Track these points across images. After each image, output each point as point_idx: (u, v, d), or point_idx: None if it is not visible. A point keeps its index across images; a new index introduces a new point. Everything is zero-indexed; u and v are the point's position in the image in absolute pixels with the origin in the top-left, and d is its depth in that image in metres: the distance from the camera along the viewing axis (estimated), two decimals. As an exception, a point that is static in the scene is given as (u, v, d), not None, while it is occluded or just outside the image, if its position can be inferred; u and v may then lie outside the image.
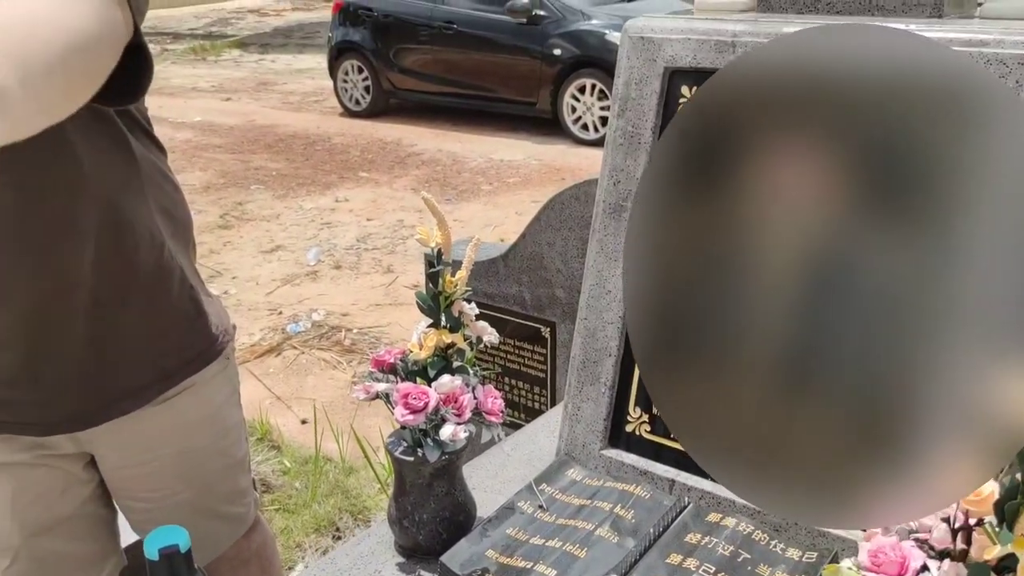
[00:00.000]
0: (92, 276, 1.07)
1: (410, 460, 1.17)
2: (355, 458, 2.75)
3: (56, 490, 1.19)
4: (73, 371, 1.12)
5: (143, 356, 1.17)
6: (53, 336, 1.09)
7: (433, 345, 1.16)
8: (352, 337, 3.88)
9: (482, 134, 7.73)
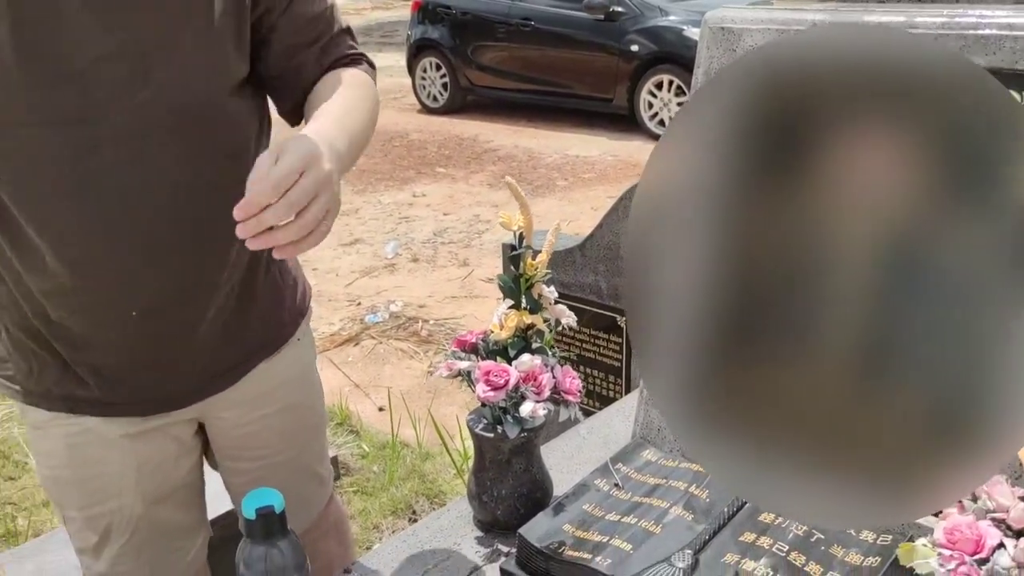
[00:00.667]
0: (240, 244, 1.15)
1: (490, 436, 1.21)
2: (431, 444, 2.81)
3: (172, 458, 1.25)
4: (217, 336, 1.18)
5: (269, 316, 1.24)
6: (204, 301, 1.14)
7: (514, 326, 1.20)
8: (428, 328, 3.95)
9: (558, 130, 7.75)
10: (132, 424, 1.19)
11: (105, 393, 1.15)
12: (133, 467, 1.20)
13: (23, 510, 2.48)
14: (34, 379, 1.15)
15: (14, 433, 2.88)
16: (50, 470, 1.19)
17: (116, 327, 1.11)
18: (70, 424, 1.16)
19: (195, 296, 1.14)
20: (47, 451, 1.18)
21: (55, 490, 1.21)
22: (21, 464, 2.72)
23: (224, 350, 1.20)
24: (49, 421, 1.16)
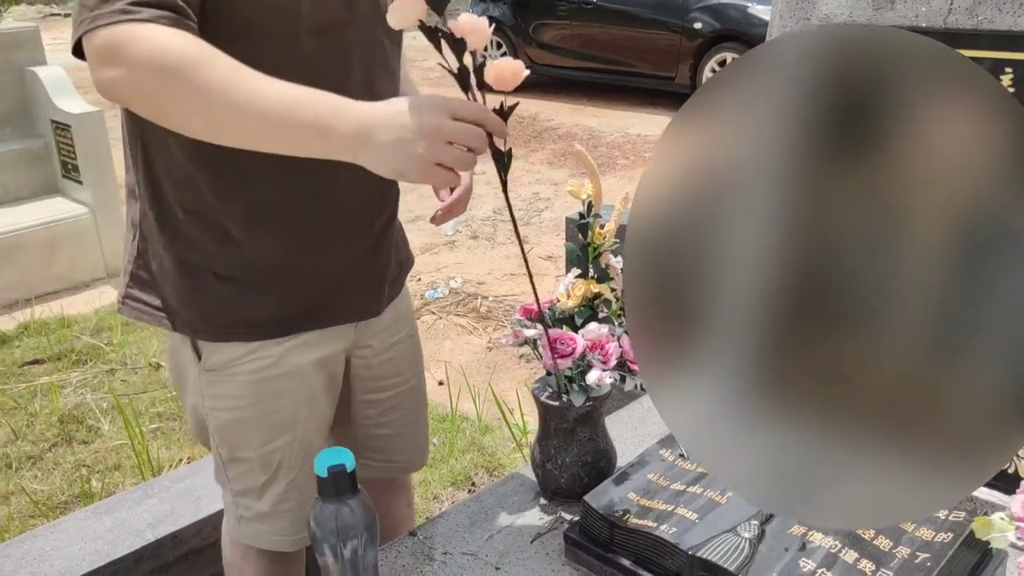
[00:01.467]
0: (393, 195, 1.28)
1: (555, 405, 1.21)
2: (490, 417, 2.83)
3: (330, 393, 1.31)
4: (390, 243, 1.31)
5: (403, 238, 1.38)
6: (390, 207, 1.29)
7: (581, 295, 1.20)
8: (488, 304, 3.96)
9: (619, 109, 7.70)
10: (312, 350, 1.23)
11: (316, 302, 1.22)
12: (306, 399, 1.25)
13: (96, 472, 2.57)
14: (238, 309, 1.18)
15: (87, 399, 2.98)
16: (231, 412, 1.23)
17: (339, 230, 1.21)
18: (256, 359, 1.20)
19: (387, 201, 1.28)
20: (228, 393, 1.22)
21: (234, 432, 1.24)
22: (94, 429, 2.81)
23: (392, 259, 1.33)
24: (233, 361, 1.20)
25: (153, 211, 1.16)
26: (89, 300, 3.89)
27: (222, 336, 1.19)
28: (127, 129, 1.17)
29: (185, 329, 1.20)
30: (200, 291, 1.17)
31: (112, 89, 0.96)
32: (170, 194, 1.14)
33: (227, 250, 1.16)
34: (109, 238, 4.16)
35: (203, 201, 1.13)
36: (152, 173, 1.15)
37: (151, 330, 3.55)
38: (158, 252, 1.18)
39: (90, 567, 1.46)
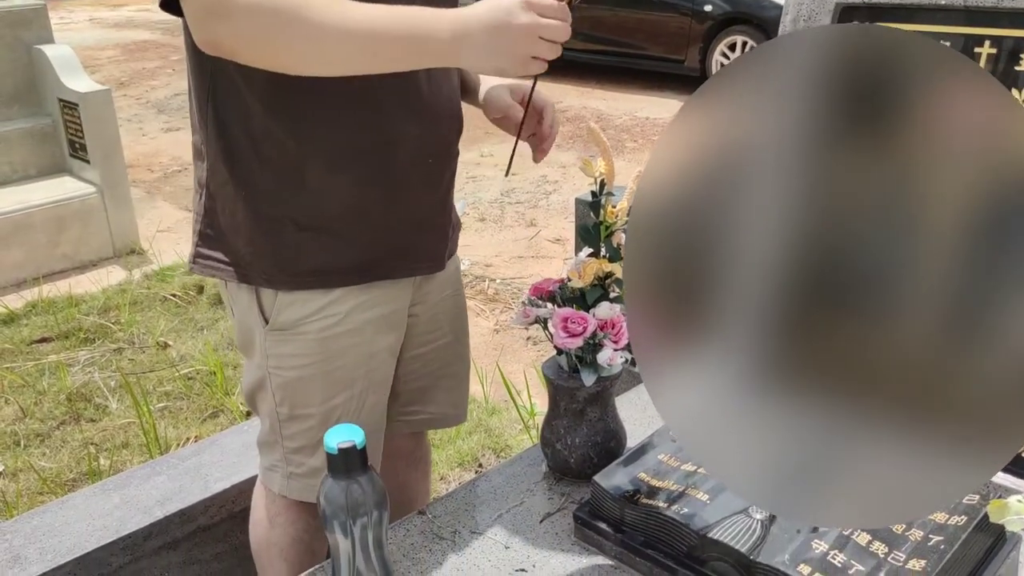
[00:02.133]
0: (457, 144, 1.32)
1: (566, 384, 1.21)
2: (497, 399, 2.83)
3: (392, 350, 1.34)
4: (451, 203, 1.35)
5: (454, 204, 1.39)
6: (452, 162, 1.31)
7: (592, 274, 1.19)
8: (495, 287, 3.95)
9: (628, 92, 7.65)
10: (376, 308, 1.27)
11: (392, 251, 1.26)
12: (367, 356, 1.28)
13: (104, 450, 2.57)
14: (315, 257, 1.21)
15: (95, 378, 2.98)
16: (296, 370, 1.26)
17: (413, 179, 1.24)
18: (323, 317, 1.23)
19: (452, 154, 1.30)
20: (294, 352, 1.25)
21: (298, 390, 1.27)
22: (102, 407, 2.82)
23: (452, 216, 1.37)
24: (300, 320, 1.23)
25: (226, 167, 1.19)
26: (96, 279, 3.89)
27: (299, 285, 1.22)
28: (195, 90, 1.21)
29: (260, 280, 1.23)
30: (277, 241, 1.20)
31: (223, 41, 1.02)
32: (245, 148, 1.17)
33: (304, 199, 1.19)
34: (117, 217, 4.15)
35: (282, 151, 1.16)
36: (225, 130, 1.18)
37: (158, 309, 3.55)
38: (229, 207, 1.21)
39: (98, 543, 1.46)
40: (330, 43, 1.01)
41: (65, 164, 4.32)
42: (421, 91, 1.20)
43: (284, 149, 1.16)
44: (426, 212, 1.29)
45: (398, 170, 1.22)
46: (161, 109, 7.51)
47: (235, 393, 2.85)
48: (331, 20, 1.00)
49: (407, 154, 1.22)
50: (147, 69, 9.16)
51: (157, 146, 6.42)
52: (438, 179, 1.29)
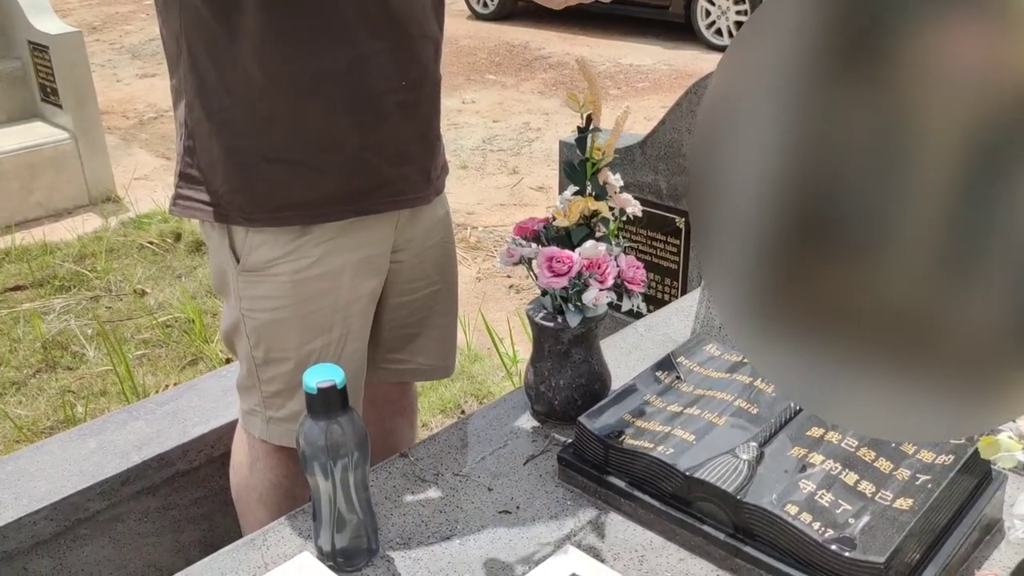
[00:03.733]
0: (436, 69, 1.28)
1: (550, 325, 1.18)
2: (480, 347, 2.81)
3: (372, 296, 1.30)
4: (435, 138, 1.31)
5: (441, 144, 1.35)
6: (430, 89, 1.26)
7: (578, 212, 1.16)
8: (477, 235, 3.92)
9: (611, 38, 7.55)
10: (352, 252, 1.23)
11: (368, 182, 1.21)
12: (345, 301, 1.25)
13: (81, 398, 2.54)
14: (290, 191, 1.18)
15: (71, 325, 2.94)
16: (270, 313, 1.23)
17: (383, 106, 1.19)
18: (296, 259, 1.20)
19: (425, 79, 1.24)
20: (267, 294, 1.22)
21: (272, 333, 1.24)
22: (79, 355, 2.78)
23: (437, 151, 1.32)
24: (272, 261, 1.20)
25: (200, 102, 1.16)
26: (72, 227, 3.82)
27: (278, 221, 1.19)
28: (166, 31, 1.18)
29: (238, 218, 1.19)
30: (251, 176, 1.17)
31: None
32: (214, 80, 1.14)
33: (275, 130, 1.16)
34: (92, 164, 4.07)
35: (247, 80, 1.13)
36: (195, 64, 1.15)
37: (135, 256, 3.50)
38: (206, 144, 1.18)
39: (75, 488, 1.43)
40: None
41: (37, 109, 4.22)
42: (390, 8, 1.16)
43: (249, 77, 1.13)
44: (404, 142, 1.24)
45: (370, 95, 1.18)
46: (136, 55, 7.35)
47: (214, 340, 2.82)
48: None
49: (378, 77, 1.17)
50: (120, 13, 8.95)
51: (132, 92, 6.29)
52: (414, 106, 1.24)
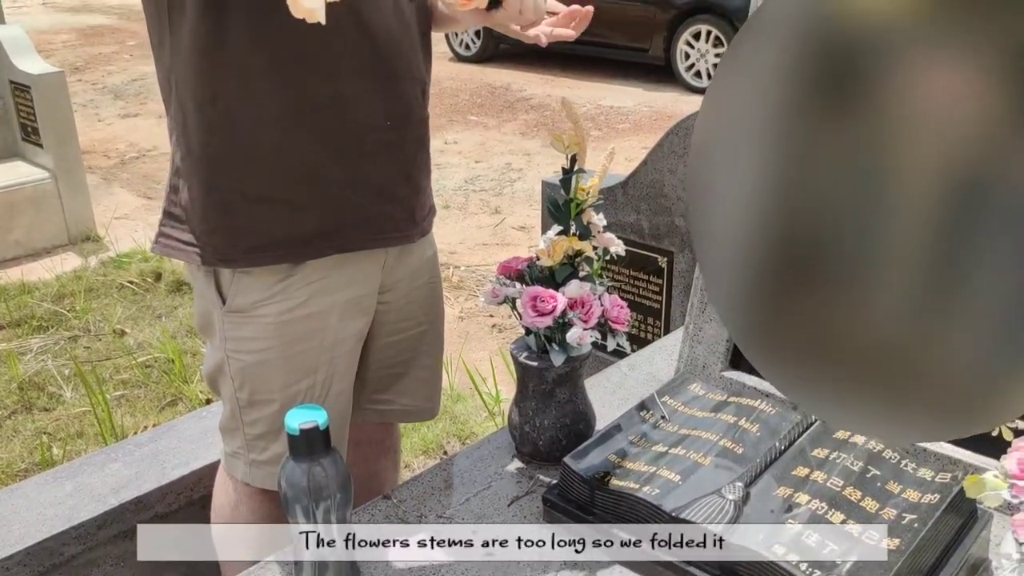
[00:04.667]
0: (422, 109, 1.27)
1: (534, 365, 1.18)
2: (463, 387, 2.80)
3: (358, 338, 1.29)
4: (421, 179, 1.30)
5: (430, 185, 1.35)
6: (415, 130, 1.26)
7: (562, 252, 1.16)
8: (460, 274, 3.92)
9: (592, 80, 7.63)
10: (338, 292, 1.22)
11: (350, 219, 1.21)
12: (331, 342, 1.24)
13: (58, 440, 2.50)
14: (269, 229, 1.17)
15: (49, 366, 2.90)
16: (255, 354, 1.22)
17: (366, 143, 1.19)
18: (282, 300, 1.19)
19: (410, 119, 1.24)
20: (252, 335, 1.21)
21: (258, 374, 1.23)
22: (56, 396, 2.74)
23: (424, 193, 1.31)
24: (258, 303, 1.19)
25: (183, 140, 1.16)
26: (50, 266, 3.79)
27: (254, 261, 1.18)
28: (159, 70, 1.18)
29: (215, 260, 1.19)
30: (229, 214, 1.17)
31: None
32: (195, 116, 1.14)
33: (255, 167, 1.15)
34: (72, 203, 4.05)
35: (227, 115, 1.13)
36: (180, 100, 1.15)
37: (115, 296, 3.47)
38: (188, 183, 1.18)
39: (50, 532, 1.41)
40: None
41: (17, 148, 4.20)
42: (376, 46, 1.16)
43: (232, 112, 1.13)
44: (388, 181, 1.24)
45: (353, 131, 1.18)
46: (118, 95, 7.36)
47: (194, 381, 2.79)
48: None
49: (362, 113, 1.17)
50: (103, 54, 8.97)
51: (114, 132, 6.29)
52: (399, 145, 1.24)
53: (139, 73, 7.93)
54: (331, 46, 1.13)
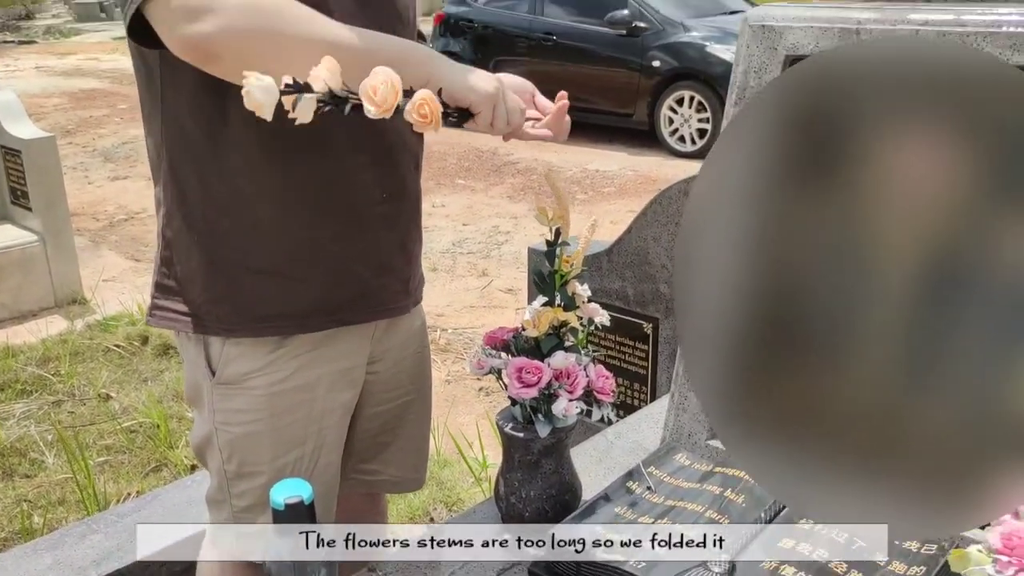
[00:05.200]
0: (415, 183, 1.30)
1: (520, 436, 1.18)
2: (449, 452, 2.79)
3: (347, 409, 1.30)
4: (414, 248, 1.32)
5: (420, 256, 1.37)
6: (410, 204, 1.29)
7: (547, 323, 1.18)
8: (447, 337, 3.92)
9: (578, 145, 7.74)
10: (328, 363, 1.23)
11: (350, 293, 1.22)
12: (319, 413, 1.24)
13: (38, 508, 2.47)
14: (272, 302, 1.18)
15: (31, 431, 2.88)
16: (244, 426, 1.21)
17: (365, 218, 1.21)
18: (272, 372, 1.20)
19: (405, 192, 1.26)
20: (242, 407, 1.21)
21: (246, 447, 1.22)
22: (38, 462, 2.71)
23: (416, 262, 1.33)
24: (248, 374, 1.19)
25: (180, 212, 1.17)
26: (35, 329, 3.78)
27: (258, 331, 1.19)
28: (149, 141, 1.19)
29: (218, 328, 1.19)
30: (234, 286, 1.17)
31: (204, 42, 0.98)
32: (197, 190, 1.15)
33: (257, 240, 1.16)
34: (59, 266, 4.06)
35: (232, 191, 1.14)
36: (177, 174, 1.16)
37: (101, 359, 3.45)
38: (185, 254, 1.18)
39: (28, 607, 1.39)
40: (312, 52, 0.96)
41: (6, 212, 4.22)
42: (373, 122, 1.19)
43: (235, 188, 1.14)
44: (385, 253, 1.25)
45: (353, 206, 1.19)
46: (108, 157, 7.41)
47: (179, 446, 2.77)
48: (316, 30, 1.00)
49: (361, 188, 1.20)
50: (94, 117, 9.05)
51: (103, 194, 6.32)
52: (395, 218, 1.26)
53: (129, 136, 7.99)
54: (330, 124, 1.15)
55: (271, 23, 0.98)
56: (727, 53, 6.92)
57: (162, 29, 1.00)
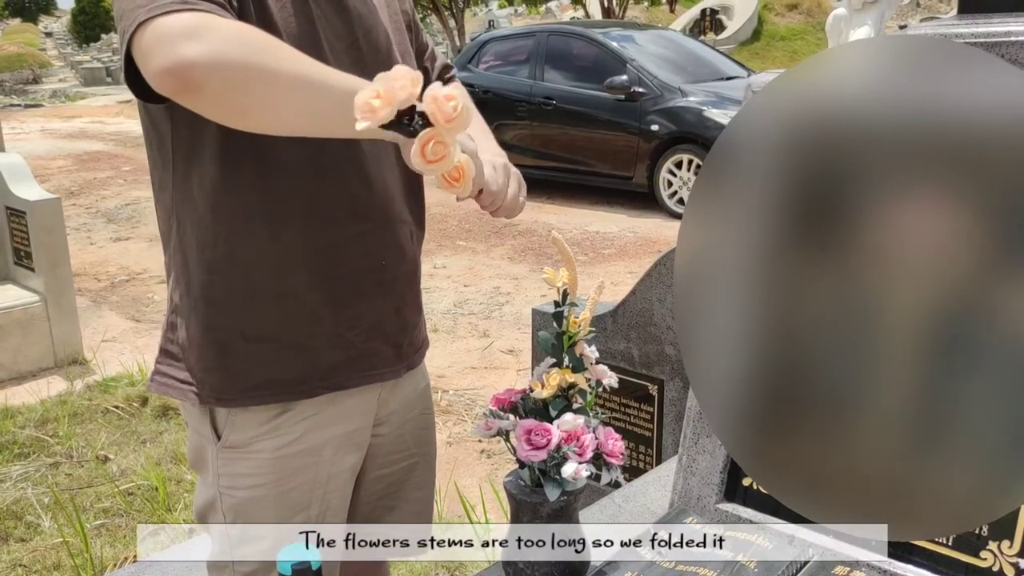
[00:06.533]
0: (414, 249, 1.30)
1: (528, 499, 1.17)
2: (451, 515, 2.75)
3: (352, 472, 1.28)
4: (411, 316, 1.31)
5: (422, 315, 1.37)
6: (410, 265, 1.29)
7: (556, 384, 1.17)
8: (448, 398, 3.90)
9: (578, 207, 7.81)
10: (333, 427, 1.22)
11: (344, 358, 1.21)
12: (324, 477, 1.23)
13: (34, 572, 2.43)
14: (266, 369, 1.17)
15: (28, 494, 2.84)
16: (249, 490, 1.20)
17: (362, 283, 1.21)
18: (277, 436, 1.19)
19: (403, 258, 1.26)
20: (247, 472, 1.19)
21: (250, 511, 1.21)
22: (34, 526, 2.67)
23: (414, 325, 1.32)
24: (254, 439, 1.18)
25: (183, 279, 1.17)
26: (34, 390, 3.76)
27: (250, 400, 1.17)
28: (160, 209, 1.20)
29: (210, 398, 1.18)
30: (227, 355, 1.17)
31: (188, 69, 0.90)
32: (196, 257, 1.15)
33: (253, 307, 1.16)
34: (60, 327, 4.05)
35: (229, 258, 1.14)
36: (181, 241, 1.16)
37: (99, 421, 3.43)
38: (185, 322, 1.18)
39: (24, 676, 1.35)
40: (300, 94, 0.94)
41: (8, 272, 4.23)
42: (373, 192, 1.19)
43: (233, 254, 1.14)
44: (379, 318, 1.25)
45: (349, 273, 1.19)
46: (111, 218, 7.46)
47: (178, 509, 2.73)
48: (303, 71, 0.94)
49: (358, 256, 1.20)
50: (98, 179, 9.14)
51: (105, 255, 6.34)
52: (391, 283, 1.25)
53: (132, 198, 8.06)
54: (333, 194, 1.16)
55: (261, 58, 0.92)
56: (724, 117, 7.02)
57: (143, 61, 0.94)
